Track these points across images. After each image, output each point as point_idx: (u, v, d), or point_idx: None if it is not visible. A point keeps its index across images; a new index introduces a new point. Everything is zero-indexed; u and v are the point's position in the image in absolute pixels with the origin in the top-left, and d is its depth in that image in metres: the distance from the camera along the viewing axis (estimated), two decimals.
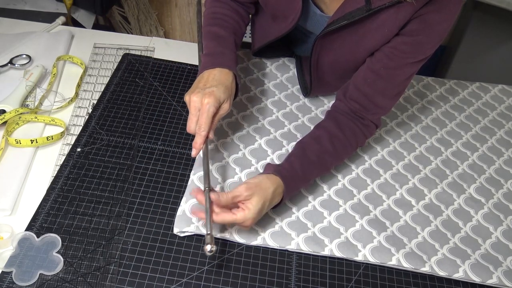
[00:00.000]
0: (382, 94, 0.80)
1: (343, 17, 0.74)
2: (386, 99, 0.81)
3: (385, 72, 0.77)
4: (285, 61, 1.04)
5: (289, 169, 0.74)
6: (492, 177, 0.88)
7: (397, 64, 0.76)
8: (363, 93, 0.80)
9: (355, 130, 0.81)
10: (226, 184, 0.79)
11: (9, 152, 0.81)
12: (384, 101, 0.81)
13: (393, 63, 0.76)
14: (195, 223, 0.73)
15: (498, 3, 1.45)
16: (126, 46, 1.04)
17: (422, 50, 0.75)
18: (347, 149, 0.81)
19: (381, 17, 0.73)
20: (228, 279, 0.69)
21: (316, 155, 0.77)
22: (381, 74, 0.77)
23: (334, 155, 0.79)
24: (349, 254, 0.73)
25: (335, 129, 0.80)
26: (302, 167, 0.75)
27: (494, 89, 1.06)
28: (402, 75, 0.78)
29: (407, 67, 0.77)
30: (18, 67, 0.96)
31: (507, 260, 0.75)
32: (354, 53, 0.80)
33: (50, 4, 1.32)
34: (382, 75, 0.77)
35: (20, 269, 0.66)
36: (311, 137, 0.80)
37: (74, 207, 0.74)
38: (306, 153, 0.77)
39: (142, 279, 0.67)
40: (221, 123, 0.88)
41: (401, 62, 0.76)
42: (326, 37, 0.80)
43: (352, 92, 0.81)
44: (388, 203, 0.81)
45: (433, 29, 0.72)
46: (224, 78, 0.76)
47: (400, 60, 0.76)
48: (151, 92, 0.95)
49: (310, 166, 0.76)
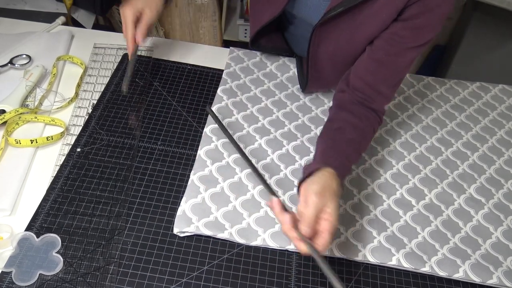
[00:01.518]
0: (385, 82, 0.79)
1: (341, 4, 0.74)
2: (389, 87, 0.80)
3: (386, 59, 0.77)
4: (285, 61, 1.04)
5: (341, 160, 0.72)
6: (493, 177, 0.88)
7: (398, 50, 0.76)
8: (366, 82, 0.79)
9: (369, 116, 0.80)
10: (226, 184, 0.79)
11: (9, 152, 0.81)
12: (387, 90, 0.80)
13: (394, 49, 0.76)
14: (195, 223, 0.73)
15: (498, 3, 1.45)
16: (126, 46, 1.04)
17: (422, 34, 0.74)
18: (366, 135, 0.80)
19: (379, 2, 0.72)
20: (228, 279, 0.69)
21: (346, 143, 0.75)
22: (382, 61, 0.77)
23: (359, 143, 0.77)
24: (349, 254, 0.73)
25: (353, 118, 0.78)
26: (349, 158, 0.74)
27: (495, 89, 1.06)
28: (404, 61, 0.77)
29: (408, 52, 0.76)
30: (18, 67, 0.96)
31: (507, 260, 0.75)
32: (353, 42, 0.79)
33: (50, 4, 1.32)
34: (384, 63, 0.77)
35: (19, 269, 0.66)
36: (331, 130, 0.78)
37: (74, 207, 0.74)
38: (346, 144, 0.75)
39: (141, 279, 0.67)
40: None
41: (402, 47, 0.75)
42: (324, 26, 0.79)
43: (354, 82, 0.81)
44: (388, 203, 0.81)
45: (433, 12, 0.72)
46: None
47: (401, 46, 0.75)
48: (151, 92, 0.95)
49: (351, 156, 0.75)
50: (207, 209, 0.75)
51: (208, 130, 0.86)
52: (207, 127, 0.87)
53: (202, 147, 0.83)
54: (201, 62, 1.02)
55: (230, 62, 1.01)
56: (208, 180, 0.79)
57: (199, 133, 0.87)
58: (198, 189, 0.77)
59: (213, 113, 0.85)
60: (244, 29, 2.03)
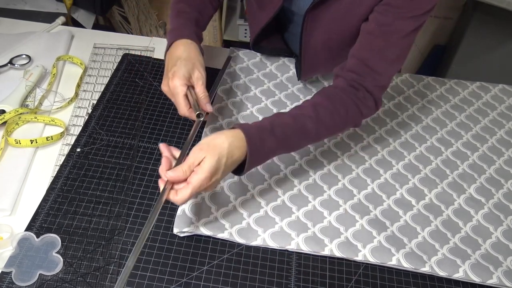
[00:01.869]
0: (379, 55, 0.75)
1: None
2: (384, 63, 0.75)
3: (379, 29, 0.73)
4: (285, 61, 1.04)
5: (256, 123, 0.68)
6: (492, 177, 0.88)
7: (392, 19, 0.72)
8: (359, 58, 0.75)
9: (345, 100, 0.75)
10: (226, 183, 0.79)
11: (9, 152, 0.81)
12: (382, 65, 0.75)
13: (388, 18, 0.72)
14: (194, 223, 0.73)
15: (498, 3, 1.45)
16: (126, 46, 1.04)
17: (417, 3, 0.71)
18: (333, 116, 0.73)
19: None
20: (228, 279, 0.69)
21: (292, 117, 0.71)
22: (375, 33, 0.74)
23: (316, 120, 0.72)
24: (349, 254, 0.73)
25: (320, 98, 0.74)
26: (271, 123, 0.68)
27: (495, 89, 1.06)
28: (398, 32, 0.73)
29: (403, 22, 0.72)
30: (18, 67, 0.96)
31: (507, 260, 0.75)
32: (346, 23, 0.77)
33: (50, 4, 1.32)
34: (376, 34, 0.74)
35: (19, 269, 0.66)
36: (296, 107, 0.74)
37: (74, 207, 0.74)
38: (279, 116, 0.71)
39: (141, 279, 0.67)
40: (221, 123, 0.88)
41: (396, 17, 0.72)
42: (314, 11, 0.77)
43: (348, 63, 0.77)
44: (388, 203, 0.81)
45: None
46: (180, 51, 0.75)
47: (395, 15, 0.72)
48: (151, 92, 0.95)
49: (284, 126, 0.69)
50: (207, 209, 0.75)
51: (208, 130, 0.86)
52: (207, 127, 0.87)
53: None
54: None
55: (230, 62, 1.01)
56: None
57: (199, 133, 0.87)
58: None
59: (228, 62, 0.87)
60: (244, 29, 2.03)
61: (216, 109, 0.90)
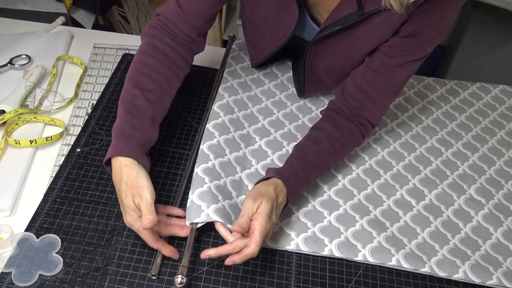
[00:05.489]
0: (379, 90, 0.78)
1: (336, 22, 0.73)
2: (383, 96, 0.80)
3: (384, 69, 0.76)
4: (286, 61, 1.03)
5: (289, 170, 0.74)
6: (493, 178, 0.88)
7: (397, 62, 0.75)
8: (361, 89, 0.79)
9: (353, 129, 0.81)
10: (228, 180, 0.78)
11: (8, 153, 0.80)
12: (381, 98, 0.80)
13: (393, 61, 0.75)
14: (205, 210, 0.70)
15: (498, 3, 1.45)
16: (126, 46, 1.04)
17: (423, 47, 0.74)
18: (346, 148, 0.81)
19: (374, 21, 0.72)
20: (228, 279, 0.69)
21: (315, 156, 0.77)
22: (380, 71, 0.76)
23: (334, 155, 0.79)
24: (349, 254, 0.73)
25: (332, 129, 0.79)
26: (303, 168, 0.75)
27: (495, 90, 1.06)
28: (402, 73, 0.77)
29: (407, 65, 0.76)
30: (17, 67, 0.96)
31: (507, 261, 0.75)
32: (349, 57, 0.79)
33: (50, 4, 1.32)
34: (381, 72, 0.76)
35: (19, 269, 0.66)
36: (309, 140, 0.79)
37: (74, 208, 0.74)
38: (305, 155, 0.77)
39: (141, 280, 0.67)
40: (223, 119, 0.87)
41: (402, 61, 0.75)
42: (319, 42, 0.79)
43: (350, 89, 0.80)
44: (388, 204, 0.81)
45: (433, 26, 0.71)
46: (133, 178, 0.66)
47: (400, 59, 0.75)
48: None
49: (310, 166, 0.76)
50: (214, 197, 0.73)
51: (211, 126, 0.85)
52: (209, 123, 0.86)
53: (205, 142, 0.82)
54: (201, 62, 1.02)
55: (230, 61, 1.00)
56: (211, 173, 0.78)
57: (199, 133, 0.87)
58: (203, 180, 0.75)
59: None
60: None
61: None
